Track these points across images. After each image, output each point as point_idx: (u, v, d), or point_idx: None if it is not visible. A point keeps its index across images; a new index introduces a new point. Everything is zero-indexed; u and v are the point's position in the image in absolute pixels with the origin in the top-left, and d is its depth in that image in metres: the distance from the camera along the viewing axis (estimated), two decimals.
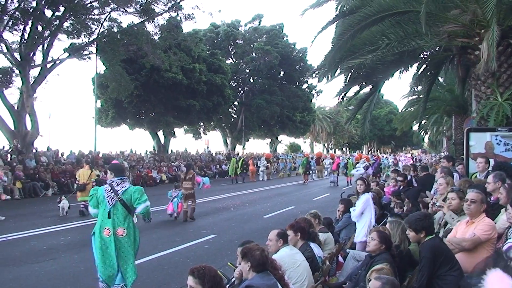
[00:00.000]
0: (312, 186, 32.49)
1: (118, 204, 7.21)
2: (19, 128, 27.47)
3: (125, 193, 7.25)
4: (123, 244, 7.17)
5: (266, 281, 4.59)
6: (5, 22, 26.12)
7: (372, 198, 9.73)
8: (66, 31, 29.40)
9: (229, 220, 16.53)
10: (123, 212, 7.22)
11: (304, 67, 56.70)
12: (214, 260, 9.80)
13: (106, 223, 7.20)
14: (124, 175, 7.66)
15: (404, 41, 14.39)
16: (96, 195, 7.38)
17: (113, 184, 7.34)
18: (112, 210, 7.21)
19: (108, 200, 7.24)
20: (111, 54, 30.56)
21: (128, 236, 7.21)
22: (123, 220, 7.21)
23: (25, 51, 27.40)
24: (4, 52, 27.90)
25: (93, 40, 30.46)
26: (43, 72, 29.04)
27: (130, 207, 7.26)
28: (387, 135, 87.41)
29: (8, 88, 29.61)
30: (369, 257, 6.03)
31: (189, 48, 39.06)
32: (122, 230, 7.17)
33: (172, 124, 42.36)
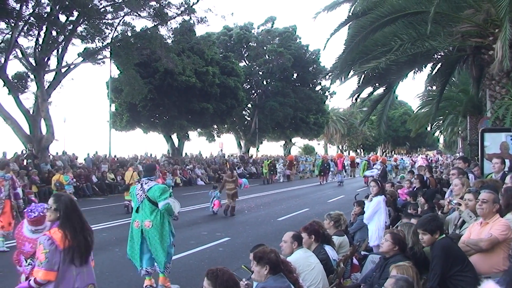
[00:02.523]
0: (326, 188, 32.40)
1: (145, 200, 8.23)
2: (35, 132, 27.67)
3: (150, 190, 8.21)
4: (151, 234, 8.16)
5: (280, 283, 4.59)
6: (20, 28, 26.38)
7: (385, 201, 9.69)
8: (80, 35, 29.65)
9: (243, 223, 16.54)
10: (150, 207, 8.20)
11: (317, 69, 56.51)
12: (228, 263, 9.81)
13: (135, 216, 8.34)
14: (152, 175, 8.60)
15: (417, 42, 14.32)
16: (133, 193, 8.59)
17: (142, 183, 8.45)
18: (140, 205, 8.29)
19: (137, 197, 8.35)
20: (125, 58, 30.72)
21: (155, 228, 8.15)
22: (150, 214, 8.18)
23: (39, 56, 27.64)
24: (19, 57, 28.18)
25: (107, 45, 30.67)
26: (58, 76, 29.27)
27: (155, 202, 8.19)
28: (402, 136, 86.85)
29: (24, 93, 29.96)
30: (383, 259, 6.01)
31: (202, 51, 39.14)
32: (149, 222, 8.15)
33: (186, 127, 42.45)
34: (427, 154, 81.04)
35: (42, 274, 4.47)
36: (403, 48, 14.25)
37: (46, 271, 4.47)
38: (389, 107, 19.46)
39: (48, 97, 28.55)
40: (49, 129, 28.20)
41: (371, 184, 10.05)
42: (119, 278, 9.26)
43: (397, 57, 14.38)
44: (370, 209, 9.43)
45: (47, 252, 4.49)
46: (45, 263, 4.46)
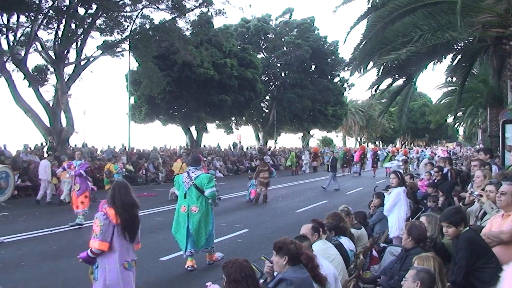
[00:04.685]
0: (345, 179, 32.29)
1: (192, 187, 9.15)
2: (55, 125, 27.90)
3: (197, 178, 9.18)
4: (196, 218, 9.06)
5: (299, 274, 4.59)
6: (39, 21, 26.56)
7: (406, 192, 9.63)
8: (99, 28, 29.78)
9: (261, 215, 16.57)
10: (196, 193, 9.12)
11: (335, 61, 56.22)
12: (247, 254, 9.84)
13: (183, 202, 9.23)
14: (198, 165, 9.70)
15: (437, 32, 14.15)
16: (178, 181, 9.45)
17: (189, 171, 9.40)
18: (187, 192, 9.19)
19: (185, 184, 9.25)
20: (144, 51, 30.84)
21: (200, 212, 9.08)
22: (196, 199, 9.11)
23: (59, 49, 27.83)
24: (39, 50, 28.40)
25: (126, 37, 30.80)
26: (77, 69, 29.45)
27: (201, 189, 9.10)
28: (421, 128, 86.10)
29: (43, 85, 30.24)
30: (404, 251, 5.98)
31: (220, 43, 39.13)
32: (195, 207, 9.08)
33: (204, 119, 42.54)
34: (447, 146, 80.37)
35: (97, 244, 5.34)
36: (423, 39, 14.10)
37: (100, 242, 5.34)
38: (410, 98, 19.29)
39: (67, 90, 28.75)
40: (69, 122, 28.42)
41: (391, 176, 10.00)
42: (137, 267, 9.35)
43: (417, 48, 14.23)
44: (390, 201, 9.38)
45: (102, 225, 5.39)
46: (100, 235, 5.35)
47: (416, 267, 4.60)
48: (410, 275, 4.42)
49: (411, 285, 4.38)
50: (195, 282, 8.45)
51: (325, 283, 4.89)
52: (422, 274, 4.38)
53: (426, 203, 10.71)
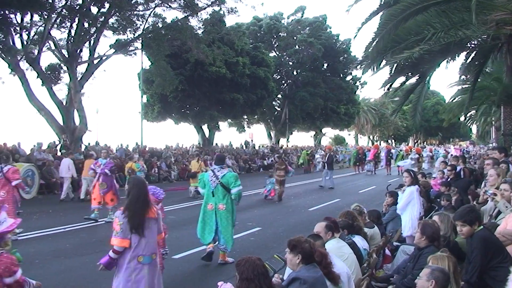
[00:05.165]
0: (358, 178, 32.24)
1: (219, 186, 9.41)
2: (68, 123, 28.06)
3: (224, 177, 9.47)
4: (223, 216, 9.40)
5: (313, 273, 4.58)
6: (53, 20, 26.71)
7: (419, 191, 9.58)
8: (112, 27, 29.91)
9: (274, 213, 16.57)
10: (223, 191, 9.42)
11: (348, 59, 55.98)
12: (259, 252, 9.83)
13: (210, 200, 9.50)
14: (223, 164, 10.06)
15: (451, 30, 14.07)
16: (203, 179, 9.73)
17: (215, 170, 9.65)
18: (214, 190, 9.44)
19: (211, 183, 9.49)
20: (156, 50, 30.91)
21: (227, 210, 9.42)
22: (223, 198, 9.42)
23: (72, 47, 27.99)
24: (52, 49, 28.58)
25: (138, 36, 30.89)
26: (90, 68, 29.60)
27: (228, 188, 9.39)
28: (434, 127, 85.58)
29: (57, 84, 30.40)
30: (418, 249, 5.95)
31: (232, 42, 39.15)
32: (222, 205, 9.39)
33: (216, 117, 42.55)
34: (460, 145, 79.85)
35: (119, 241, 5.50)
36: (436, 37, 14.03)
37: (121, 239, 5.50)
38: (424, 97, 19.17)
39: (80, 88, 28.90)
40: (82, 120, 28.58)
41: (404, 175, 9.95)
42: None
43: (430, 46, 14.17)
44: (403, 200, 9.34)
45: (121, 223, 5.53)
46: (121, 233, 5.50)
47: (430, 266, 4.57)
48: (425, 274, 4.40)
49: (425, 284, 4.36)
50: (208, 280, 8.47)
51: (338, 281, 4.88)
52: (436, 273, 4.36)
53: (439, 201, 10.66)
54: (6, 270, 4.44)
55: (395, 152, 42.78)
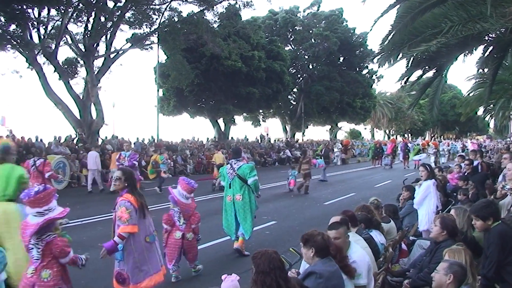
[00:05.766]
0: (374, 172, 32.11)
1: (236, 177, 9.81)
2: (85, 117, 28.27)
3: (240, 169, 9.87)
4: (241, 206, 9.75)
5: (329, 267, 4.58)
6: (69, 14, 26.88)
7: (436, 185, 9.51)
8: (128, 21, 30.05)
9: (289, 207, 16.56)
10: (240, 183, 9.79)
11: (364, 52, 55.67)
12: (275, 246, 9.81)
13: (228, 192, 9.93)
14: (239, 157, 10.41)
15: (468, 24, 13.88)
16: (223, 173, 10.20)
17: (232, 163, 10.07)
18: (231, 182, 9.86)
19: (229, 175, 9.92)
20: (172, 44, 30.99)
21: (244, 200, 9.74)
22: (240, 189, 9.77)
23: (89, 42, 28.16)
24: (69, 43, 28.78)
25: (154, 30, 30.99)
26: (107, 62, 29.77)
27: (244, 179, 9.73)
28: (451, 121, 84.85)
29: (74, 78, 30.67)
30: (434, 243, 5.92)
31: (248, 36, 39.14)
32: (239, 196, 9.74)
33: (232, 111, 42.62)
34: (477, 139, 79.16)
35: (131, 228, 6.01)
36: (453, 30, 13.85)
37: (132, 226, 6.00)
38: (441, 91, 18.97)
39: (97, 82, 29.08)
40: (99, 114, 28.77)
41: (420, 169, 9.89)
42: None
43: (448, 39, 14.00)
44: (420, 194, 9.29)
45: (130, 211, 6.03)
46: (130, 220, 6.00)
47: (448, 260, 4.55)
48: (442, 268, 4.38)
49: (443, 278, 4.34)
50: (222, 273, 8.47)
51: (354, 275, 4.88)
52: (455, 267, 4.34)
53: (456, 196, 10.59)
54: (62, 252, 5.11)
55: (411, 146, 42.57)
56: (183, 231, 7.97)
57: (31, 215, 5.07)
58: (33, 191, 5.05)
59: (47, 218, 5.02)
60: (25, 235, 5.01)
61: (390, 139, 50.77)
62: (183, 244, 7.94)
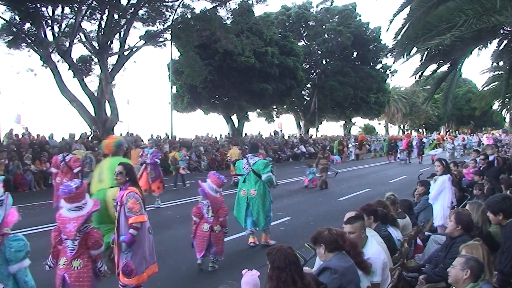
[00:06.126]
0: (389, 167, 32.01)
1: (251, 172, 10.09)
2: (99, 114, 28.41)
3: (255, 164, 10.11)
4: (255, 200, 9.99)
5: (343, 262, 4.57)
6: (83, 12, 27.01)
7: (451, 180, 9.45)
8: (142, 18, 30.13)
9: (303, 203, 16.55)
10: (255, 178, 10.05)
11: (378, 47, 55.41)
12: (289, 241, 9.79)
13: (242, 186, 10.24)
14: (256, 152, 10.74)
15: (483, 17, 13.75)
16: (239, 167, 10.46)
17: (248, 158, 10.35)
18: (246, 177, 10.16)
19: (244, 170, 10.21)
20: (185, 40, 31.05)
21: (258, 195, 9.98)
22: (254, 184, 10.03)
23: (102, 39, 28.28)
24: (83, 41, 28.92)
25: (168, 27, 31.03)
26: (121, 59, 29.87)
27: (259, 174, 9.98)
28: (466, 115, 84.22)
29: (88, 76, 30.83)
30: (450, 239, 5.89)
31: (261, 32, 39.07)
32: (254, 191, 9.99)
33: (245, 108, 42.66)
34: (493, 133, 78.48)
35: (143, 217, 6.22)
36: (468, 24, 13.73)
37: (143, 216, 6.22)
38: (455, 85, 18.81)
39: (111, 80, 29.22)
40: (114, 111, 28.91)
41: (435, 164, 9.83)
42: (183, 255, 9.47)
43: (462, 33, 13.89)
44: (435, 189, 9.23)
45: (139, 202, 6.24)
46: (141, 210, 6.21)
47: (465, 255, 4.52)
48: (459, 263, 4.35)
49: (460, 273, 4.32)
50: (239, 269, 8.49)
51: (369, 270, 4.87)
52: (471, 263, 4.32)
53: (472, 191, 10.52)
54: (96, 243, 5.40)
55: (427, 141, 42.38)
56: (211, 223, 8.20)
57: (66, 209, 5.39)
58: (73, 187, 5.35)
59: (89, 211, 5.43)
60: (68, 229, 5.29)
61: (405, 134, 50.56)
62: (210, 236, 8.17)
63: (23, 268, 4.32)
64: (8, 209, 4.37)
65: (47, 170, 21.17)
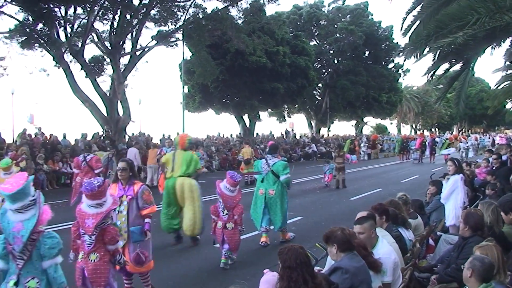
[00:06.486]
0: (401, 167, 31.91)
1: (269, 173, 10.28)
2: (112, 114, 28.51)
3: (274, 165, 10.30)
4: (273, 200, 10.20)
5: (355, 262, 4.57)
6: (95, 12, 27.13)
7: (463, 180, 9.39)
8: (153, 19, 30.20)
9: (315, 202, 16.54)
10: (273, 178, 10.26)
11: (390, 46, 55.15)
12: (301, 241, 9.79)
13: (260, 185, 10.42)
14: (275, 153, 10.88)
15: (496, 15, 13.64)
16: (257, 166, 10.70)
17: (267, 158, 10.52)
18: (265, 177, 10.35)
19: (263, 170, 10.41)
20: (197, 40, 31.10)
21: (277, 195, 10.21)
22: (273, 183, 10.25)
23: (115, 39, 28.38)
24: (95, 41, 29.04)
25: (179, 27, 31.08)
26: (133, 59, 29.96)
27: (278, 175, 10.21)
28: (479, 115, 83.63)
29: (100, 76, 30.94)
30: (462, 239, 5.86)
31: (272, 31, 39.04)
32: (272, 191, 10.20)
33: (257, 107, 42.67)
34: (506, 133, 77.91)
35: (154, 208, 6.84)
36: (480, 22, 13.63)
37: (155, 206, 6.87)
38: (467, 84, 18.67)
39: (124, 80, 29.31)
40: (126, 111, 29.01)
41: (448, 163, 9.79)
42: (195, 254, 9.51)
43: (474, 31, 13.79)
44: (447, 189, 9.18)
45: (150, 193, 6.88)
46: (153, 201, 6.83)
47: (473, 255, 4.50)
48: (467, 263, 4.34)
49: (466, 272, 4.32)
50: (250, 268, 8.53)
51: (379, 270, 4.86)
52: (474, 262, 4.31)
53: (484, 190, 10.46)
54: (112, 239, 5.60)
55: (440, 140, 42.19)
56: (225, 221, 8.46)
57: (87, 205, 5.60)
58: (96, 185, 5.56)
59: (109, 208, 5.66)
60: (87, 224, 5.51)
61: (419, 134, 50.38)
62: (223, 233, 8.42)
63: (55, 264, 4.55)
64: (42, 207, 4.55)
65: (59, 170, 21.36)
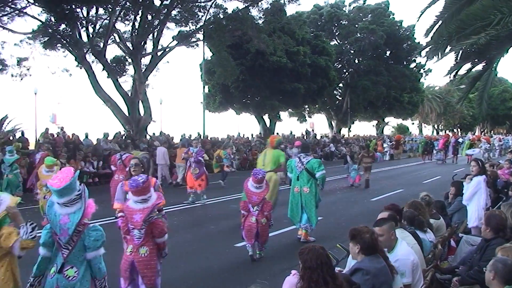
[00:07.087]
0: (423, 168, 31.66)
1: (304, 171, 10.52)
2: (133, 114, 28.74)
3: (308, 163, 10.58)
4: (307, 197, 10.48)
5: (376, 264, 4.55)
6: (117, 13, 27.37)
7: (486, 181, 9.29)
8: (174, 19, 30.38)
9: (335, 203, 16.48)
10: (307, 176, 10.50)
11: (411, 46, 54.61)
12: (321, 242, 9.73)
13: (295, 183, 10.68)
14: (308, 152, 11.44)
15: None
16: (291, 165, 10.88)
17: (301, 157, 10.78)
18: (299, 175, 10.57)
19: (297, 168, 10.63)
20: (217, 40, 31.19)
21: (311, 193, 10.48)
22: (307, 181, 10.49)
23: (136, 40, 28.61)
24: (117, 41, 29.34)
25: (200, 27, 31.21)
26: (154, 60, 30.17)
27: (312, 173, 10.46)
28: (501, 115, 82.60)
29: (122, 76, 31.22)
30: (484, 241, 5.81)
31: (293, 31, 39.01)
32: (307, 188, 10.46)
33: (277, 107, 42.64)
34: None
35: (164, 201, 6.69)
36: (503, 22, 13.48)
37: None
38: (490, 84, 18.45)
39: (145, 80, 29.54)
40: (147, 111, 29.23)
41: (471, 164, 9.69)
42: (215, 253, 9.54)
43: (497, 31, 13.63)
44: (469, 190, 9.09)
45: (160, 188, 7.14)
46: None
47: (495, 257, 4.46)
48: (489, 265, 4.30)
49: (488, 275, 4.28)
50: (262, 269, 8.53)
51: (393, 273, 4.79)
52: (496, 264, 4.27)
53: (507, 192, 10.33)
54: (161, 232, 5.98)
55: (463, 141, 41.79)
56: (257, 216, 8.78)
57: (133, 201, 5.94)
58: (140, 182, 5.88)
59: (154, 204, 5.96)
60: (135, 219, 5.84)
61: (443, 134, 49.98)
62: (257, 227, 8.73)
63: (99, 255, 4.72)
64: (86, 201, 4.70)
65: (81, 169, 21.55)
